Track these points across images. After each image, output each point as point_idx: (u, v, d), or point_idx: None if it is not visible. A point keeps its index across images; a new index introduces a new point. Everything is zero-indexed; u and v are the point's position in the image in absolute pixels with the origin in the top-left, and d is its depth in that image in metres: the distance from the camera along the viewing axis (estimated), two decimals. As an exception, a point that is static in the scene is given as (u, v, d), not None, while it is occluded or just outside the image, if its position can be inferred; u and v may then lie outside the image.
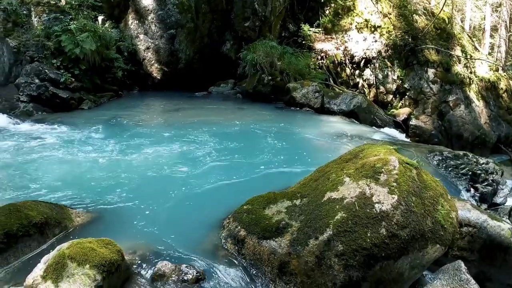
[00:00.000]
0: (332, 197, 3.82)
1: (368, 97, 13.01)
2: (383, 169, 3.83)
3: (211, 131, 8.53)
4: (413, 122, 13.20)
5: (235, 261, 4.00)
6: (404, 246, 3.53)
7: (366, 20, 14.46)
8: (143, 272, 3.84)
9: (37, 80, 10.91)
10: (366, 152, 4.24)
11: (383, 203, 3.59)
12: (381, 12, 14.48)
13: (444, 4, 14.95)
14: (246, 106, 11.55)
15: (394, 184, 3.70)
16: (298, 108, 11.26)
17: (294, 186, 4.48)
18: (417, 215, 3.64)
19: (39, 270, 3.40)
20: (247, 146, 7.56)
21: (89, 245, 3.56)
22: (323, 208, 3.77)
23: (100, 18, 12.88)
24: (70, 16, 12.19)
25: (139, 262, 3.95)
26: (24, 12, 12.16)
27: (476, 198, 6.56)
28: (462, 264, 3.96)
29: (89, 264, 3.37)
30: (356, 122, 10.42)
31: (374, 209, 3.56)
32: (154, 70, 13.31)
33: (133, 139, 8.04)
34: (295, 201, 4.10)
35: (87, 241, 3.63)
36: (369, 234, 3.48)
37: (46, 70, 11.07)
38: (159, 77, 13.39)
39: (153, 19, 13.07)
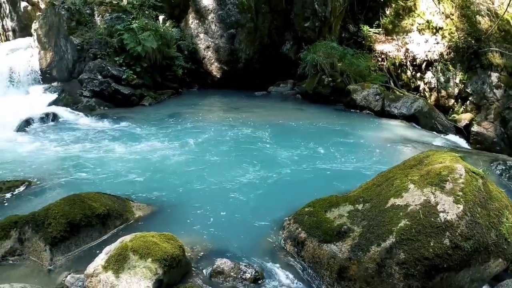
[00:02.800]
0: (396, 204, 3.76)
1: (429, 101, 12.70)
2: (448, 177, 3.74)
3: (271, 131, 8.58)
4: (474, 128, 12.78)
5: (294, 263, 4.01)
6: (466, 258, 3.44)
7: (427, 21, 14.13)
8: (201, 268, 3.90)
9: (99, 76, 11.25)
10: (431, 158, 4.16)
11: (448, 212, 3.50)
12: (443, 13, 14.10)
13: (508, 5, 14.33)
14: (305, 107, 11.53)
15: (460, 193, 3.60)
16: (358, 111, 11.15)
17: (356, 190, 4.44)
18: (481, 227, 3.53)
19: (100, 260, 3.50)
20: (307, 147, 7.55)
21: (152, 239, 3.64)
22: (386, 214, 3.73)
23: (161, 17, 13.13)
24: (132, 16, 12.52)
25: (198, 257, 4.03)
26: (87, 11, 12.56)
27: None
28: (523, 281, 3.84)
29: (151, 257, 3.45)
30: (417, 126, 10.21)
31: (438, 218, 3.49)
32: (214, 68, 13.45)
33: (194, 136, 8.16)
34: (357, 205, 4.06)
35: (150, 235, 3.72)
36: (432, 244, 3.41)
37: (109, 67, 11.40)
38: (218, 76, 13.53)
39: (213, 18, 13.21)
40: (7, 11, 15.77)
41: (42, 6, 15.03)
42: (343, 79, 12.23)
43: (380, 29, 14.50)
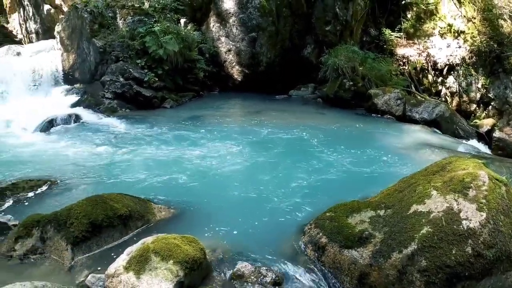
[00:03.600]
0: (418, 210, 3.74)
1: (450, 106, 12.55)
2: (472, 184, 3.71)
3: (292, 135, 8.60)
4: (496, 134, 12.53)
5: (314, 268, 4.00)
6: (488, 267, 3.42)
7: (449, 25, 13.94)
8: (222, 271, 3.91)
9: (121, 79, 11.35)
10: (454, 165, 4.13)
11: (470, 220, 3.48)
12: (465, 16, 13.91)
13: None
14: (326, 111, 11.47)
15: (483, 200, 3.57)
16: (379, 115, 11.04)
17: (378, 196, 4.42)
18: (504, 235, 3.51)
19: (121, 260, 3.54)
20: (329, 152, 7.53)
21: (174, 241, 3.67)
22: (408, 221, 3.71)
23: (182, 20, 13.18)
24: (154, 19, 12.60)
25: (218, 260, 4.04)
26: (110, 14, 12.69)
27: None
28: (545, 292, 3.79)
29: (173, 259, 3.47)
30: (438, 132, 10.10)
31: (461, 226, 3.46)
32: (235, 72, 13.46)
33: (215, 139, 8.20)
34: (379, 211, 4.04)
35: (172, 237, 3.75)
36: (454, 252, 3.39)
37: (131, 69, 11.49)
38: (239, 79, 13.53)
39: (234, 22, 13.22)
40: (31, 14, 16.00)
41: (65, 9, 15.24)
42: (364, 83, 12.12)
43: (401, 33, 14.37)
